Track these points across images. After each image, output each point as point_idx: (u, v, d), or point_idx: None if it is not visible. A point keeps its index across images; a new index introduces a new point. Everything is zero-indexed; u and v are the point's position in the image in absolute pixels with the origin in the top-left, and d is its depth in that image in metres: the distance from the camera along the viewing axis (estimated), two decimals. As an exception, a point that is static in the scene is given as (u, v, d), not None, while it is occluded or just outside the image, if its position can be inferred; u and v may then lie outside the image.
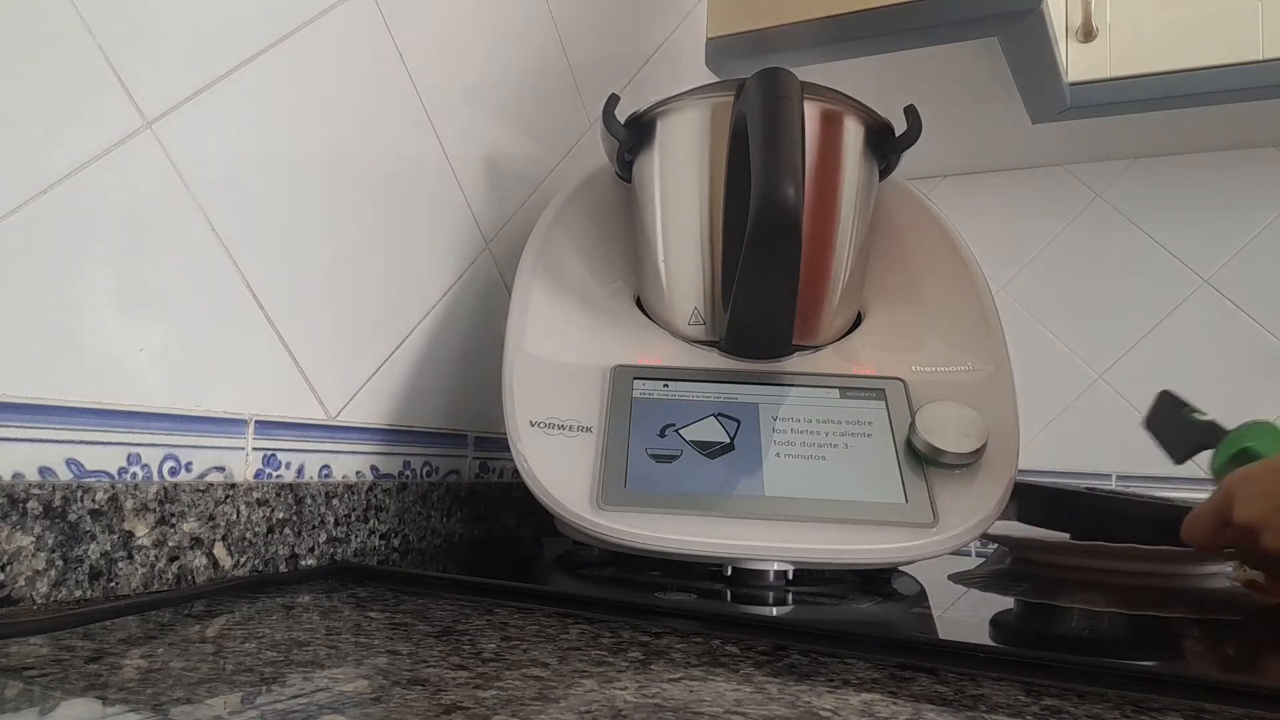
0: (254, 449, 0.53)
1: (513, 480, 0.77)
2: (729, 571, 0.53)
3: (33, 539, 0.40)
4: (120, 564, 0.44)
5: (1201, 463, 0.74)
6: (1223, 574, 0.69)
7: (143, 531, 0.45)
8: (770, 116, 0.53)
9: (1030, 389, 1.38)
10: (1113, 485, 1.32)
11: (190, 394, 0.50)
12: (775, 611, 0.47)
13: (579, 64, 0.87)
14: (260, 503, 0.52)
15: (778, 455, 0.56)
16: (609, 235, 0.69)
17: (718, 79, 0.90)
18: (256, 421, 0.53)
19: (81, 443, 0.44)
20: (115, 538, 0.44)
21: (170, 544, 0.46)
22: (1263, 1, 1.05)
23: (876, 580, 0.57)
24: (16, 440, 0.41)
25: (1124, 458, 1.34)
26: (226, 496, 0.50)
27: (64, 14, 0.43)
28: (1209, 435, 0.77)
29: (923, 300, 0.66)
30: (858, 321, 0.66)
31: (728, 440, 0.56)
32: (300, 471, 0.56)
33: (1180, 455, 0.80)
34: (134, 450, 0.46)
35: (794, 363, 0.61)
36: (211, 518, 0.49)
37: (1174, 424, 0.80)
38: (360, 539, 0.60)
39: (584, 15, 0.88)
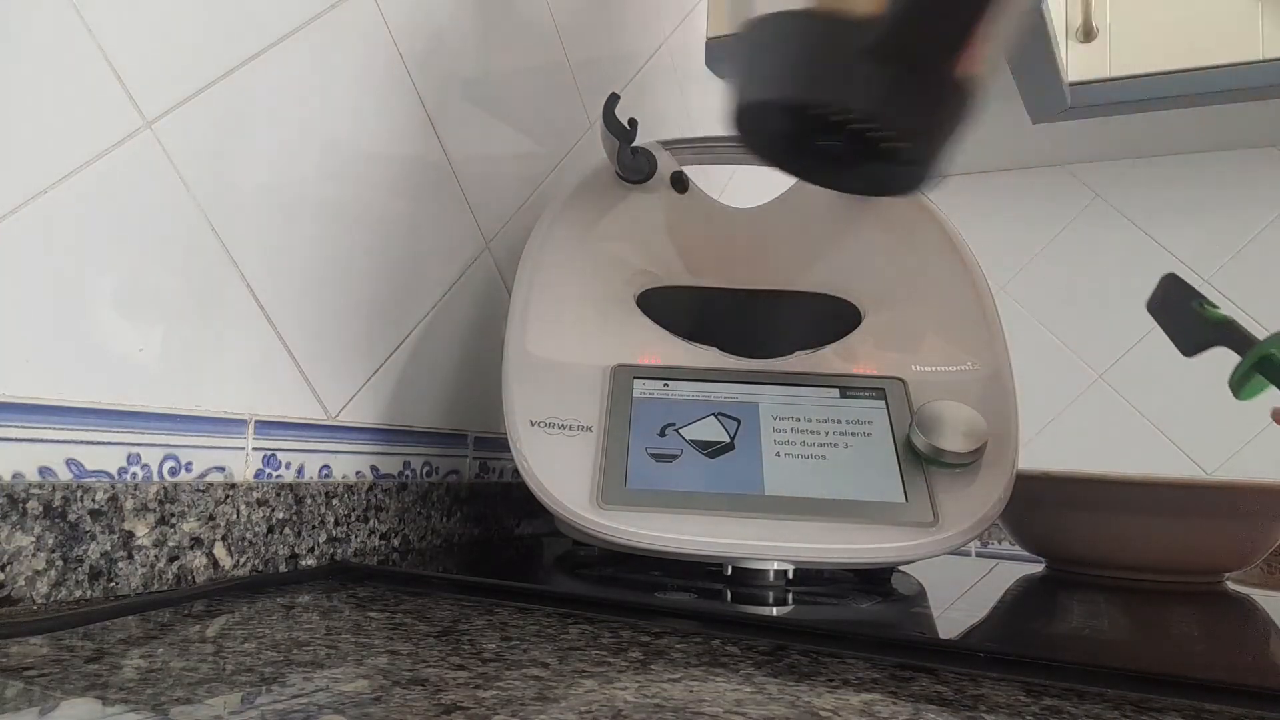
0: (254, 449, 0.53)
1: (513, 480, 0.77)
2: (729, 571, 0.53)
3: (33, 539, 0.40)
4: (120, 564, 0.44)
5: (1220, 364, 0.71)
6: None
7: (143, 531, 0.45)
8: None
9: (1030, 389, 1.39)
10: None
11: (190, 394, 0.50)
12: (775, 611, 0.47)
13: (579, 64, 0.87)
14: (260, 503, 0.52)
15: (778, 455, 0.56)
16: (609, 235, 0.69)
17: (718, 79, 0.91)
18: (256, 421, 0.53)
19: (81, 443, 0.44)
20: (115, 538, 0.44)
21: (170, 544, 0.46)
22: (1263, 1, 1.05)
23: (876, 580, 0.57)
24: (16, 440, 0.41)
25: (1124, 458, 1.34)
26: (226, 496, 0.50)
27: (64, 14, 0.43)
28: (1224, 334, 0.72)
29: (923, 300, 0.65)
30: (858, 321, 0.66)
31: (728, 440, 0.56)
32: (300, 471, 0.56)
33: (1191, 349, 0.74)
34: (134, 450, 0.46)
35: (794, 362, 0.61)
36: (211, 518, 0.49)
37: (1184, 315, 0.75)
38: (360, 539, 0.60)
39: (584, 15, 0.88)
